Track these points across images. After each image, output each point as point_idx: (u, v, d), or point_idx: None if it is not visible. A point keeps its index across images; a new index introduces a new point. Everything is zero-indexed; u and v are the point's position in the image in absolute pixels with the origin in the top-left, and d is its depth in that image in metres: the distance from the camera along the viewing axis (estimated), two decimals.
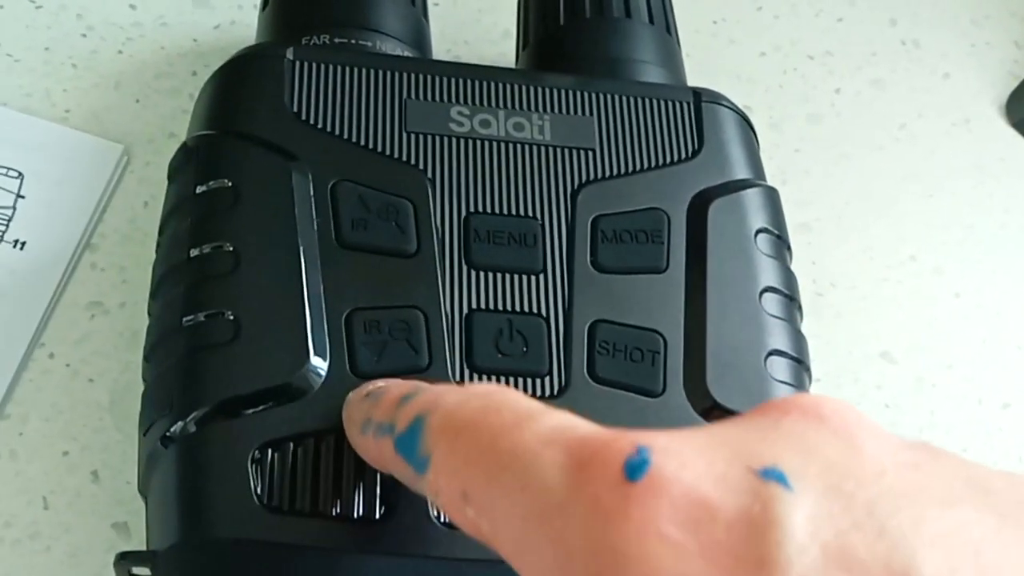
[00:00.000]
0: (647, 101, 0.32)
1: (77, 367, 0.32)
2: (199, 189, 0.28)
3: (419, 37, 0.34)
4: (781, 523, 0.14)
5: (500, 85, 0.31)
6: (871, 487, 0.14)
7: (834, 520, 0.14)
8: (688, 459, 0.15)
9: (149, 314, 0.29)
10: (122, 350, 0.33)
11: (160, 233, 0.29)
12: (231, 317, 0.26)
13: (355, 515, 0.24)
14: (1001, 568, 0.14)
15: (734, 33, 0.44)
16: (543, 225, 0.30)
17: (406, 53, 0.33)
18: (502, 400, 0.18)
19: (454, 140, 0.30)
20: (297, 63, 0.30)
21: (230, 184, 0.28)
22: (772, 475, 0.14)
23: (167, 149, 0.36)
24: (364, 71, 0.31)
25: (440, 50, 0.40)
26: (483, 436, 0.18)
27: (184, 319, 0.27)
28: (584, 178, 0.31)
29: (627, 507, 0.14)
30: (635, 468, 0.15)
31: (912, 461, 0.15)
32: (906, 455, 0.15)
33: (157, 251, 0.29)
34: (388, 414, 0.21)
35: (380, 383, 0.24)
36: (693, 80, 0.38)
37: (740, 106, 0.34)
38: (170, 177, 0.30)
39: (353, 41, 0.32)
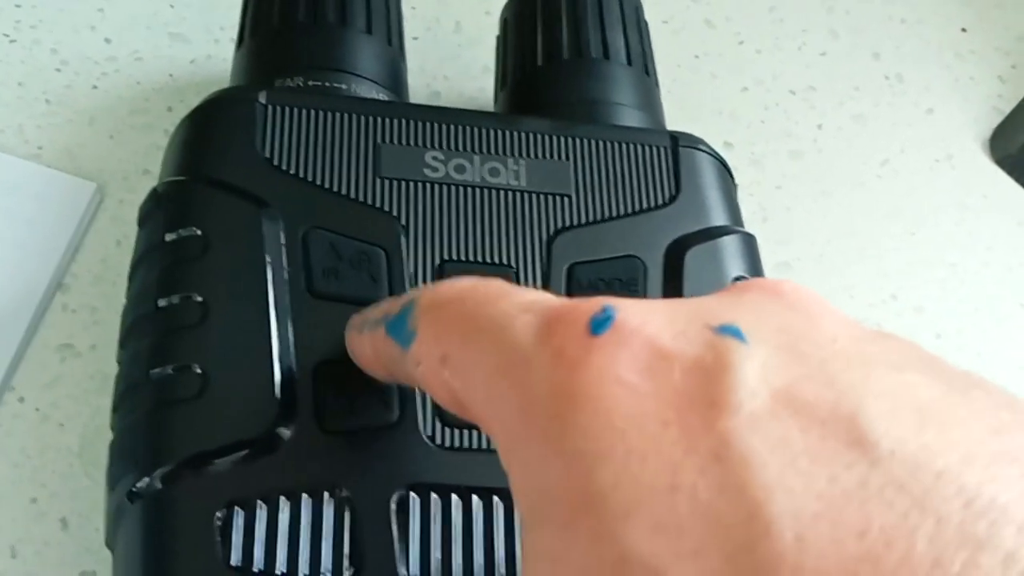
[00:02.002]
0: (624, 146, 0.32)
1: (47, 411, 0.32)
2: (168, 237, 0.28)
3: (395, 78, 0.34)
4: (734, 369, 0.14)
5: (475, 129, 0.31)
6: (823, 349, 0.15)
7: (785, 370, 0.14)
8: (650, 318, 0.16)
9: (118, 362, 0.28)
10: (92, 394, 0.33)
11: (129, 280, 0.29)
12: (198, 371, 0.26)
13: None
14: (944, 423, 0.14)
15: (716, 68, 0.44)
16: (518, 273, 0.29)
17: (381, 95, 0.33)
18: (489, 280, 0.19)
19: (428, 186, 0.30)
20: (269, 107, 0.30)
21: (199, 233, 0.28)
22: (728, 330, 0.15)
23: (141, 186, 0.35)
24: (337, 115, 0.30)
25: (419, 85, 0.40)
26: (466, 306, 0.18)
27: (151, 371, 0.26)
28: (559, 224, 0.30)
29: (588, 356, 0.15)
30: (600, 323, 0.16)
31: (865, 336, 0.16)
32: (859, 331, 0.16)
33: (127, 297, 0.29)
34: (383, 310, 0.22)
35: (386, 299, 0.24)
36: (674, 116, 0.38)
37: (721, 142, 0.34)
38: (140, 223, 0.30)
39: (327, 84, 0.32)
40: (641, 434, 0.14)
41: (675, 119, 0.37)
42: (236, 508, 0.24)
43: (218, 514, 0.24)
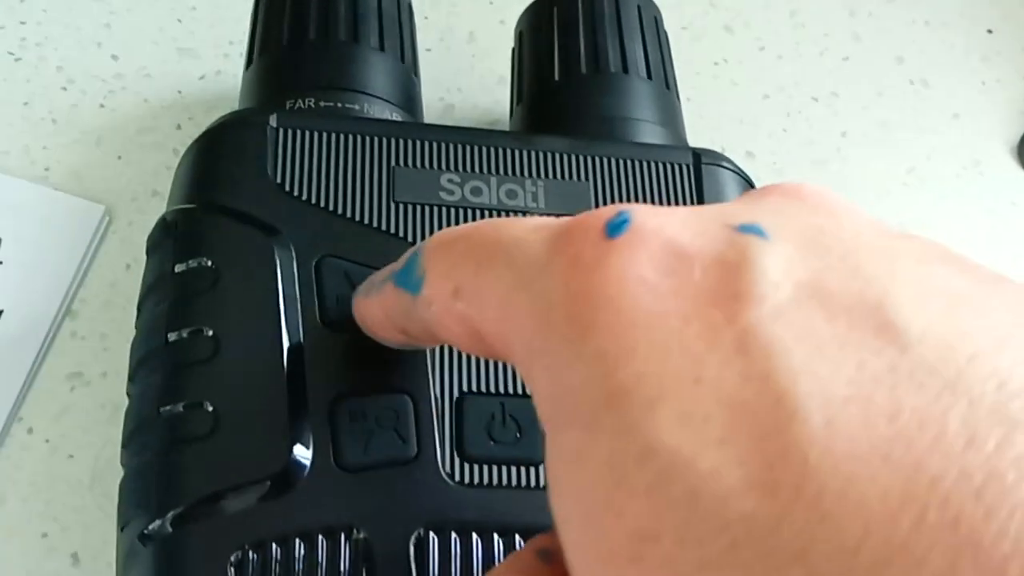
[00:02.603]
0: (644, 164, 0.31)
1: (57, 443, 0.31)
2: (178, 268, 0.27)
3: (409, 96, 0.33)
4: (756, 263, 0.14)
5: (491, 150, 0.30)
6: (847, 243, 0.15)
7: (809, 263, 0.14)
8: (669, 220, 0.15)
9: (128, 395, 0.27)
10: (103, 423, 0.32)
11: (138, 310, 0.28)
12: (210, 408, 0.25)
13: None
14: (975, 310, 0.14)
15: (736, 75, 0.43)
16: None
17: (395, 115, 0.32)
18: (495, 218, 0.19)
19: (444, 209, 0.29)
20: (280, 131, 0.29)
21: (210, 263, 0.27)
22: (749, 228, 0.15)
23: (150, 208, 0.35)
24: (350, 138, 0.30)
25: (432, 98, 0.39)
26: (475, 237, 0.18)
27: (161, 409, 0.26)
28: None
29: (606, 257, 0.15)
30: (615, 227, 0.15)
31: (890, 232, 0.15)
32: (884, 227, 0.16)
33: (136, 328, 0.28)
34: (388, 268, 0.22)
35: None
36: (693, 125, 0.37)
37: (743, 152, 0.33)
38: (148, 252, 0.29)
39: (339, 104, 0.31)
40: (663, 330, 0.14)
41: (695, 128, 0.36)
42: (250, 551, 0.24)
43: (232, 557, 0.23)
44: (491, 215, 0.29)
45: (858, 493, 0.12)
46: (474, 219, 0.29)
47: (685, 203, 0.31)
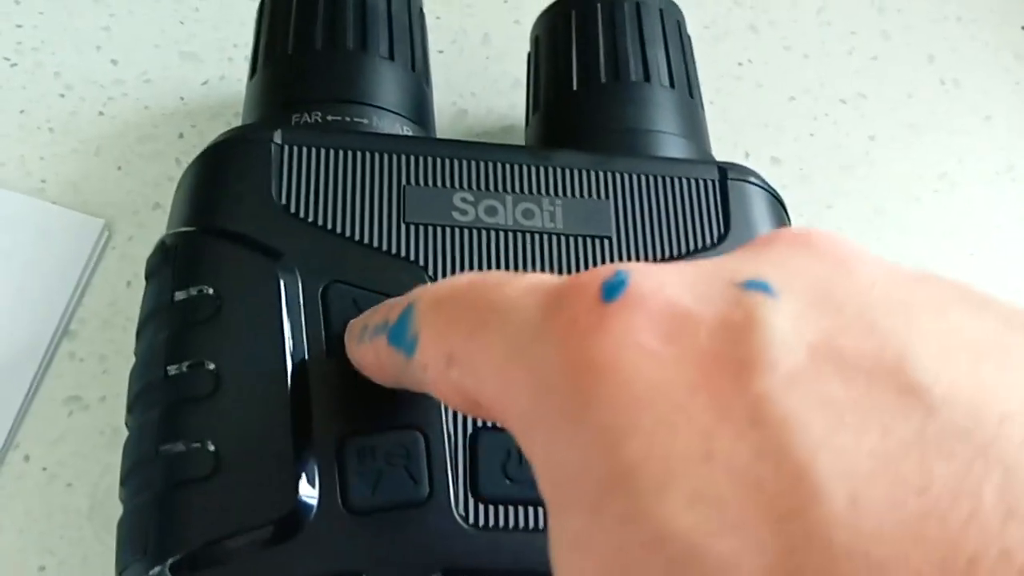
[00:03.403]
0: (668, 180, 0.29)
1: (55, 470, 0.30)
2: (178, 296, 0.26)
3: (420, 107, 0.32)
4: (765, 325, 0.13)
5: (507, 167, 0.29)
6: (860, 297, 0.14)
7: (821, 322, 0.13)
8: (668, 279, 0.14)
9: (127, 426, 0.26)
10: (102, 450, 0.31)
11: (137, 337, 0.27)
12: (211, 447, 0.24)
13: None
14: (1001, 362, 0.13)
15: (760, 76, 0.41)
16: None
17: (406, 128, 0.30)
18: (488, 273, 0.18)
19: (457, 231, 0.28)
20: (285, 148, 0.28)
21: (211, 291, 0.26)
22: (755, 285, 0.14)
23: (152, 222, 0.33)
24: (359, 155, 0.28)
25: (445, 103, 0.38)
26: (467, 299, 0.17)
27: (160, 447, 0.24)
28: None
29: (604, 322, 0.14)
30: (612, 288, 0.14)
31: (904, 278, 0.14)
32: (898, 274, 0.15)
33: (135, 354, 0.27)
34: (383, 316, 0.21)
35: (383, 303, 0.23)
36: (717, 130, 0.35)
37: (768, 157, 0.32)
38: (147, 277, 0.27)
39: (348, 118, 0.30)
40: (668, 402, 0.13)
41: (718, 133, 0.34)
42: None
43: None
44: (507, 236, 0.28)
45: None
46: (489, 241, 0.28)
47: (711, 222, 0.29)
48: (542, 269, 0.28)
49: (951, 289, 0.14)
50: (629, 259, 0.28)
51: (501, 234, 0.28)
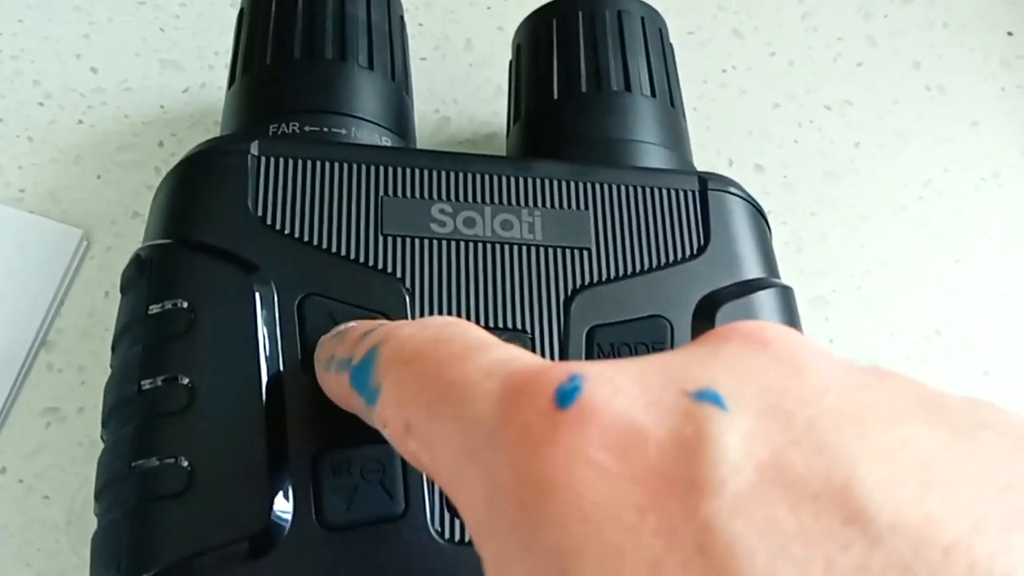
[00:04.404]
0: (647, 191, 0.29)
1: (31, 483, 0.30)
2: (152, 309, 0.26)
3: (400, 117, 0.32)
4: (714, 443, 0.13)
5: (485, 177, 0.29)
6: (812, 406, 0.14)
7: (771, 438, 0.13)
8: (621, 385, 0.14)
9: (102, 440, 0.26)
10: (80, 462, 0.30)
11: (112, 349, 0.27)
12: (185, 463, 0.24)
13: None
14: (950, 483, 0.13)
15: (745, 82, 0.41)
16: (533, 339, 0.27)
17: (384, 139, 0.30)
18: (454, 332, 0.18)
19: (435, 243, 0.27)
20: (262, 159, 0.28)
21: (185, 305, 0.25)
22: (706, 396, 0.14)
23: (131, 231, 0.33)
24: (336, 166, 0.28)
25: (427, 110, 0.38)
26: (429, 368, 0.17)
27: (133, 463, 0.24)
28: (578, 282, 0.28)
29: (555, 434, 0.14)
30: (566, 395, 0.14)
31: (859, 382, 0.14)
32: (853, 377, 0.15)
33: (110, 367, 0.27)
34: (349, 349, 0.21)
35: (352, 323, 0.24)
36: (701, 137, 0.35)
37: (752, 165, 0.31)
38: (122, 290, 0.27)
39: (326, 128, 0.29)
40: (617, 525, 0.13)
41: (701, 140, 0.34)
42: None
43: None
44: (485, 248, 0.28)
45: None
46: (467, 253, 0.27)
47: (691, 232, 0.29)
48: (521, 281, 0.27)
49: (907, 394, 0.14)
50: (609, 270, 0.28)
51: (480, 245, 0.28)
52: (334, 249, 0.27)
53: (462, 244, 0.28)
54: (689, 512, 0.12)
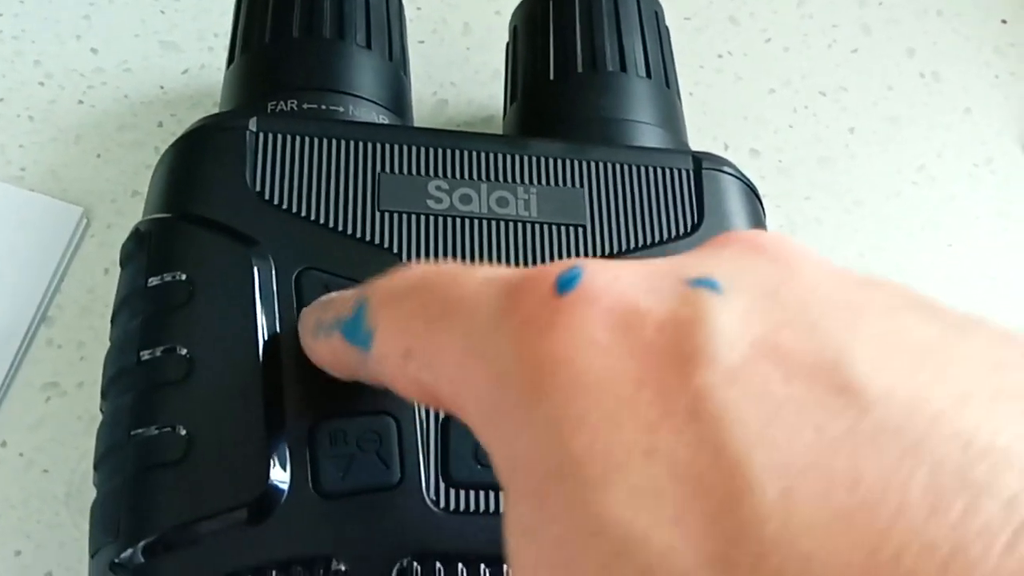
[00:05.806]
0: (642, 169, 0.30)
1: (32, 456, 0.30)
2: (152, 281, 0.26)
3: (397, 96, 0.32)
4: (709, 321, 0.14)
5: (481, 155, 0.29)
6: (805, 296, 0.14)
7: (764, 319, 0.14)
8: (621, 274, 0.15)
9: (101, 412, 0.26)
10: (80, 436, 0.31)
11: (112, 323, 0.27)
12: (183, 431, 0.24)
13: None
14: (940, 363, 0.13)
15: (740, 68, 0.41)
16: None
17: (382, 117, 0.31)
18: (441, 267, 0.18)
19: (431, 218, 0.28)
20: (260, 135, 0.28)
21: (184, 277, 0.26)
22: (703, 283, 0.14)
23: (130, 209, 0.33)
24: (334, 143, 0.28)
25: (425, 93, 0.38)
26: (424, 295, 0.18)
27: (132, 432, 0.24)
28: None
29: (557, 317, 0.14)
30: (566, 282, 0.15)
31: (854, 282, 0.15)
32: (845, 277, 0.15)
33: (109, 340, 0.27)
34: (336, 311, 0.21)
35: (333, 294, 0.23)
36: (696, 122, 0.35)
37: (747, 149, 0.32)
38: (122, 264, 0.27)
39: (324, 106, 0.30)
40: (615, 396, 0.13)
41: (697, 125, 0.34)
42: None
43: None
44: (481, 224, 0.28)
45: (818, 570, 0.11)
46: (463, 229, 0.28)
47: (685, 210, 0.29)
48: (516, 257, 0.28)
49: (902, 295, 0.15)
50: (603, 247, 0.28)
51: (475, 222, 0.28)
52: (331, 224, 0.27)
53: (458, 220, 0.28)
54: (684, 382, 0.13)
